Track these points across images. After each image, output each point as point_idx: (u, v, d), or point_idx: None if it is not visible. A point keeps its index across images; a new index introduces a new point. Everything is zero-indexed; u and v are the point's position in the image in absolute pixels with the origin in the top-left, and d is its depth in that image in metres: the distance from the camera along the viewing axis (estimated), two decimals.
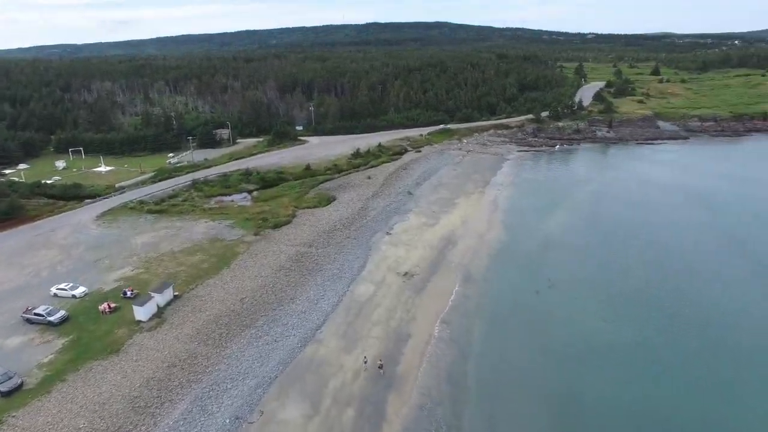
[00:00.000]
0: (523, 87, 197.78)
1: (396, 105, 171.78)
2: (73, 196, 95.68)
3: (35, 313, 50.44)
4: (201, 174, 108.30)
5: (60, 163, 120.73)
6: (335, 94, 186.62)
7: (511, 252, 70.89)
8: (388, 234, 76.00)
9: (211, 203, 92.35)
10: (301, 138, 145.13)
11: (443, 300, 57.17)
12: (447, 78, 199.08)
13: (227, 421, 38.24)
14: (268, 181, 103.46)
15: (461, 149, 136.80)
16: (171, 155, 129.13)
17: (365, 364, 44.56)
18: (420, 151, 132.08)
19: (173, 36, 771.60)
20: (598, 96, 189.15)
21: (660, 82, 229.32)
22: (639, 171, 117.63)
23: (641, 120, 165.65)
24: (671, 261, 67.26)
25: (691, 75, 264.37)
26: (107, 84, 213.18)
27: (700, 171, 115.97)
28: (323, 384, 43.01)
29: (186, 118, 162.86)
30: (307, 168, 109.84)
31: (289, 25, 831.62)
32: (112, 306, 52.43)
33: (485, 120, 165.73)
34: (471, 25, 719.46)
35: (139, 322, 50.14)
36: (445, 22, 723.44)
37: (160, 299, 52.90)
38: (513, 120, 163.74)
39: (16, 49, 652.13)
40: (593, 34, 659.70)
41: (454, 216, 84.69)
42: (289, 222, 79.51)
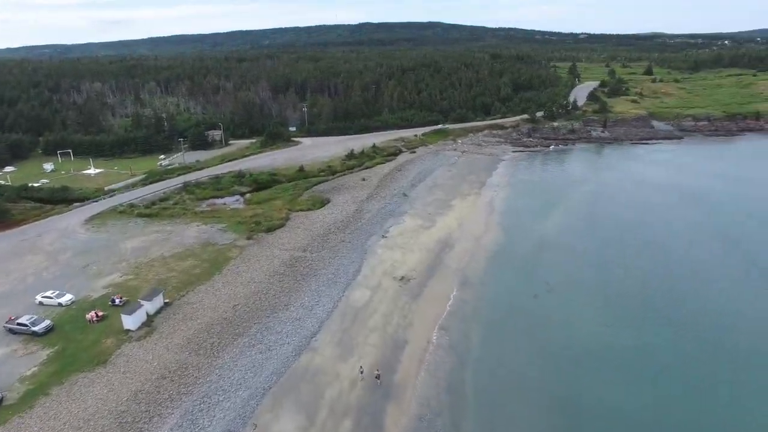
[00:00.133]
0: (518, 87, 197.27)
1: (390, 105, 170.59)
2: (61, 199, 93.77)
3: (18, 323, 48.59)
4: (193, 176, 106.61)
5: (48, 166, 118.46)
6: (329, 94, 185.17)
7: (509, 254, 69.92)
8: (383, 237, 74.72)
9: (203, 206, 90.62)
10: (295, 139, 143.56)
11: (441, 305, 55.98)
12: (441, 78, 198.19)
13: None
14: (260, 183, 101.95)
15: (456, 150, 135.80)
16: (162, 157, 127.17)
17: (361, 374, 43.22)
18: (415, 152, 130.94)
19: (166, 36, 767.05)
20: (592, 96, 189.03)
21: (653, 81, 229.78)
22: (634, 171, 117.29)
23: (636, 120, 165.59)
24: (668, 262, 66.81)
25: (684, 75, 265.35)
26: (97, 85, 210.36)
27: (694, 171, 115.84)
28: (319, 394, 41.65)
29: (177, 119, 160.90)
30: (301, 169, 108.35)
31: (282, 26, 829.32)
32: (99, 314, 50.73)
33: (480, 120, 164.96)
34: (464, 25, 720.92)
35: (128, 331, 48.48)
36: (438, 22, 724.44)
37: (149, 307, 51.27)
38: (508, 120, 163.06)
39: (5, 49, 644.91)
40: (585, 34, 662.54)
41: (450, 218, 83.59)
42: (283, 225, 78.01)
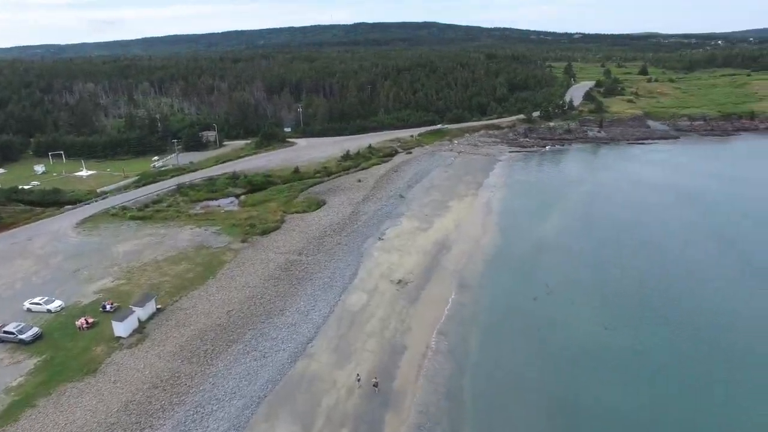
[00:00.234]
0: (513, 87, 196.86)
1: (386, 106, 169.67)
2: (53, 202, 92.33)
3: (5, 331, 47.21)
4: (186, 178, 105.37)
5: (39, 168, 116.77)
6: (324, 94, 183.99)
7: (507, 256, 69.20)
8: (380, 239, 73.79)
9: (197, 208, 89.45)
10: (290, 140, 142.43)
11: (439, 309, 55.10)
12: (437, 78, 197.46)
13: None
14: (255, 185, 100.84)
15: (452, 150, 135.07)
16: (155, 158, 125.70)
17: (359, 382, 42.23)
18: (411, 153, 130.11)
19: (160, 36, 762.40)
20: (588, 95, 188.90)
21: (648, 81, 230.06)
22: (631, 171, 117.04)
23: (632, 120, 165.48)
24: (665, 262, 66.65)
25: (678, 75, 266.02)
26: (90, 85, 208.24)
27: (691, 171, 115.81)
28: (315, 403, 40.64)
29: (171, 120, 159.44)
30: (296, 171, 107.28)
31: (277, 26, 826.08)
32: (89, 321, 49.45)
33: (476, 120, 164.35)
34: (459, 25, 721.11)
35: (119, 338, 47.26)
36: (433, 22, 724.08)
37: (141, 313, 50.07)
38: (504, 120, 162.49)
39: None
40: (580, 34, 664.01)
41: (447, 219, 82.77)
42: (278, 228, 76.91)
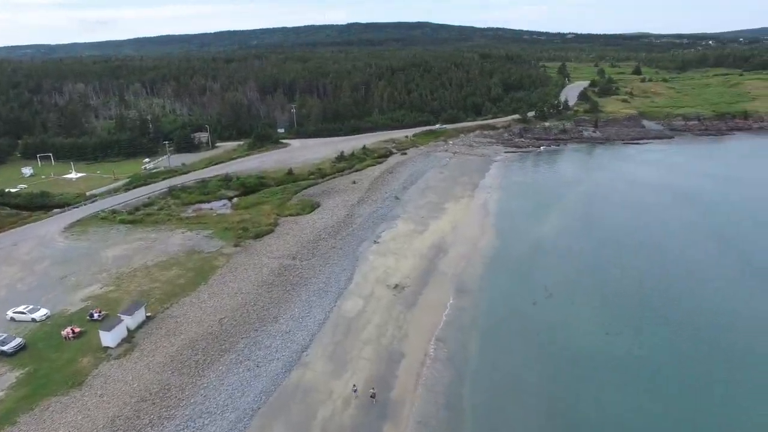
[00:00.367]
0: (508, 87, 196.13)
1: (380, 106, 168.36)
2: (40, 205, 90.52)
3: None
4: (178, 180, 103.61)
5: (27, 170, 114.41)
6: (317, 95, 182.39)
7: (505, 259, 68.21)
8: (375, 243, 72.49)
9: (189, 211, 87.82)
10: (283, 141, 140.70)
11: (437, 314, 53.90)
12: (431, 78, 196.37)
13: None
14: (248, 187, 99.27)
15: (447, 151, 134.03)
16: (147, 160, 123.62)
17: (355, 393, 40.88)
18: (406, 154, 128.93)
19: (152, 36, 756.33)
20: (582, 95, 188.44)
21: (642, 81, 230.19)
22: (627, 171, 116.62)
23: (627, 119, 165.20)
24: (665, 262, 66.15)
25: (672, 74, 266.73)
26: (80, 86, 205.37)
27: (687, 171, 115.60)
28: (311, 415, 39.28)
29: (163, 121, 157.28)
30: (290, 173, 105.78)
31: (270, 26, 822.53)
32: (76, 331, 47.72)
33: (471, 120, 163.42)
34: (452, 25, 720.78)
35: (107, 348, 45.60)
36: (427, 22, 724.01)
37: (130, 322, 48.44)
38: (499, 120, 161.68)
39: None
40: (572, 34, 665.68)
41: (443, 222, 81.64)
42: (271, 231, 75.40)
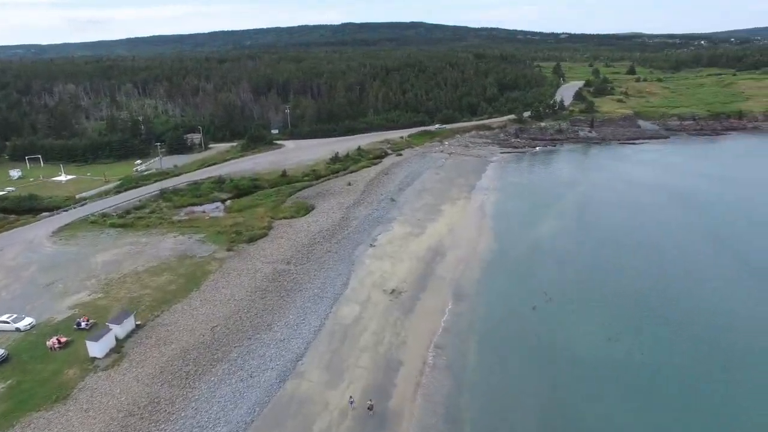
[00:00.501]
0: (503, 87, 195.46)
1: (375, 106, 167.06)
2: (28, 209, 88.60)
3: None
4: (170, 182, 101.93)
5: (15, 173, 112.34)
6: (312, 95, 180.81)
7: (503, 262, 67.24)
8: (371, 246, 71.19)
9: (181, 215, 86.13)
10: (277, 142, 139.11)
11: (435, 320, 52.71)
12: (426, 78, 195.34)
13: None
14: (242, 189, 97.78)
15: (443, 151, 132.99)
16: (138, 162, 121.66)
17: (352, 404, 39.54)
18: (401, 155, 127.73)
19: (145, 37, 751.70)
20: (578, 95, 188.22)
21: (637, 81, 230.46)
22: (624, 171, 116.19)
23: (622, 119, 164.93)
24: (663, 264, 65.87)
25: (666, 74, 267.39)
26: (70, 86, 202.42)
27: (683, 171, 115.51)
28: (306, 428, 37.90)
29: (155, 122, 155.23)
30: (284, 174, 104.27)
31: (264, 26, 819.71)
32: (62, 340, 46.01)
33: (466, 121, 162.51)
34: (446, 25, 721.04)
35: (94, 359, 43.94)
36: (421, 22, 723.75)
37: (119, 331, 46.82)
38: (495, 120, 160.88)
39: None
40: (566, 34, 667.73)
41: (440, 224, 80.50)
42: (265, 235, 73.90)
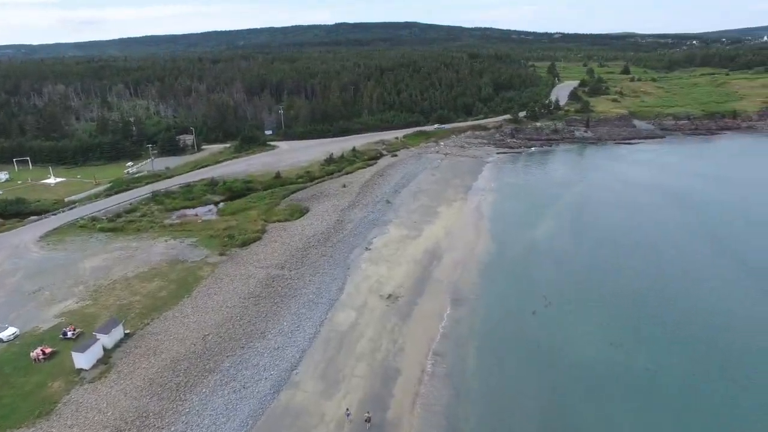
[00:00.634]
0: (498, 87, 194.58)
1: (369, 107, 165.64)
2: (15, 213, 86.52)
3: None
4: (162, 185, 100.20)
5: (2, 175, 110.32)
6: (305, 96, 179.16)
7: (501, 265, 66.22)
8: (367, 249, 69.87)
9: (173, 218, 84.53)
10: (271, 143, 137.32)
11: (433, 326, 51.51)
12: (421, 78, 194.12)
13: None
14: (235, 192, 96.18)
15: (439, 152, 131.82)
16: (129, 164, 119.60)
17: (348, 416, 38.21)
18: (396, 155, 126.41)
19: (138, 37, 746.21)
20: (573, 95, 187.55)
21: (632, 80, 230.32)
22: (620, 171, 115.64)
23: (618, 119, 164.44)
24: (661, 264, 65.71)
25: (660, 74, 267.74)
26: (60, 87, 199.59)
27: (678, 171, 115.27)
28: None
29: (146, 123, 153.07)
30: (277, 176, 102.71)
31: (257, 26, 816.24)
32: (47, 351, 44.34)
33: (462, 121, 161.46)
34: (440, 25, 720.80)
35: (80, 370, 42.35)
36: (414, 22, 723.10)
37: (106, 340, 45.22)
38: (490, 121, 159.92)
39: None
40: (560, 33, 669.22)
41: (436, 226, 79.32)
42: (259, 239, 72.36)
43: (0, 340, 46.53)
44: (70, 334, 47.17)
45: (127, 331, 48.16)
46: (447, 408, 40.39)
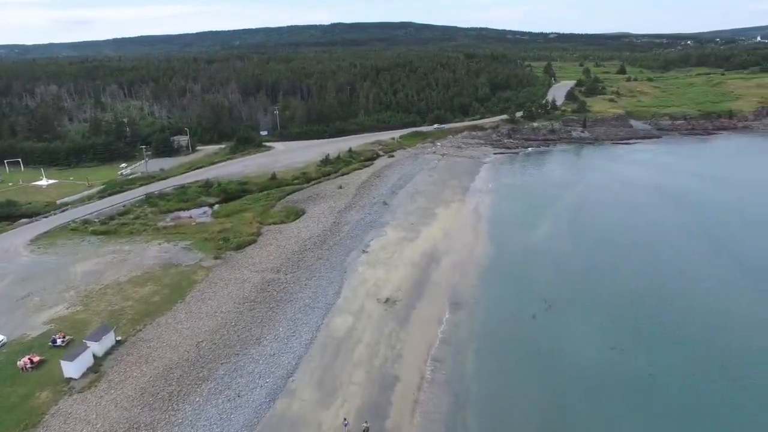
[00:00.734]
0: (495, 87, 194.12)
1: (365, 107, 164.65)
2: (6, 215, 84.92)
3: None
4: (156, 186, 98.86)
5: None
6: (301, 96, 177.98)
7: (500, 267, 65.36)
8: (364, 252, 68.83)
9: (167, 220, 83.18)
10: (266, 144, 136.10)
11: (432, 331, 50.53)
12: (417, 78, 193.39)
13: None
14: (230, 193, 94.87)
15: (436, 153, 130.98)
16: (123, 165, 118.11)
17: (346, 426, 37.16)
18: (393, 156, 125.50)
19: (133, 37, 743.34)
20: (570, 95, 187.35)
21: (628, 80, 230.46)
22: (617, 172, 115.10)
23: (614, 119, 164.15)
24: (660, 265, 65.22)
25: (656, 74, 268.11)
26: (53, 87, 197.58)
27: (676, 171, 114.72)
28: None
29: (140, 124, 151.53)
30: (273, 177, 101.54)
31: (253, 26, 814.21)
32: (35, 360, 43.02)
33: (458, 121, 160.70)
34: (436, 25, 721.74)
35: (69, 380, 41.07)
36: (410, 22, 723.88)
37: (97, 348, 43.98)
38: (487, 121, 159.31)
39: None
40: (555, 33, 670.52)
41: (434, 228, 78.39)
42: (254, 241, 71.21)
43: None
44: (59, 341, 45.89)
45: (119, 338, 46.96)
46: (447, 416, 39.41)
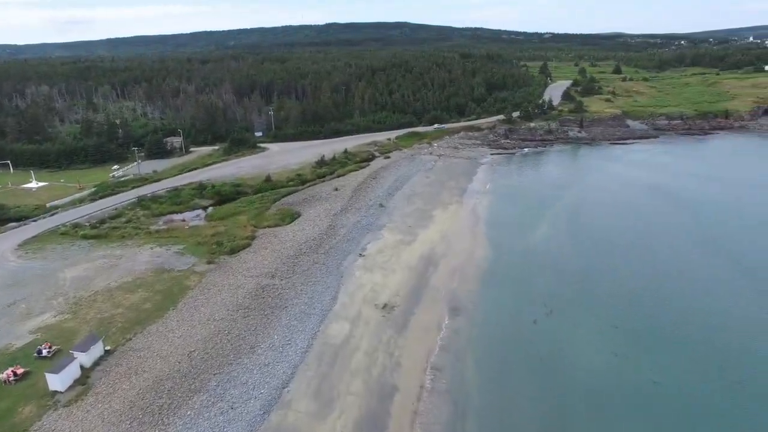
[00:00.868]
0: (491, 87, 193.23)
1: (361, 107, 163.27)
2: None
3: None
4: (148, 189, 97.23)
5: None
6: (296, 96, 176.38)
7: (499, 271, 64.35)
8: (361, 256, 67.53)
9: (159, 223, 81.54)
10: (261, 145, 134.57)
11: (431, 338, 49.32)
12: (413, 78, 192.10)
13: None
14: (224, 196, 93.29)
15: (432, 154, 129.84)
16: (115, 168, 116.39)
17: None
18: (389, 157, 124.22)
19: (126, 37, 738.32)
20: (566, 95, 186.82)
21: (624, 80, 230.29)
22: (615, 172, 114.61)
23: (611, 119, 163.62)
24: (659, 266, 64.97)
25: (651, 73, 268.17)
26: (44, 88, 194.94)
27: (673, 171, 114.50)
28: None
29: (133, 125, 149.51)
30: (268, 179, 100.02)
31: (248, 26, 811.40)
32: (18, 372, 41.40)
33: (455, 121, 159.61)
34: (431, 25, 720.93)
35: (55, 393, 39.55)
36: (405, 22, 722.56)
37: (84, 359, 42.46)
38: (484, 121, 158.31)
39: None
40: (550, 33, 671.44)
41: (432, 231, 77.19)
42: (248, 245, 69.77)
43: None
44: (45, 352, 44.29)
45: (108, 348, 45.44)
46: (447, 426, 38.29)
